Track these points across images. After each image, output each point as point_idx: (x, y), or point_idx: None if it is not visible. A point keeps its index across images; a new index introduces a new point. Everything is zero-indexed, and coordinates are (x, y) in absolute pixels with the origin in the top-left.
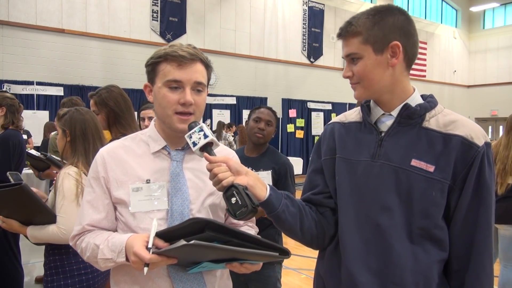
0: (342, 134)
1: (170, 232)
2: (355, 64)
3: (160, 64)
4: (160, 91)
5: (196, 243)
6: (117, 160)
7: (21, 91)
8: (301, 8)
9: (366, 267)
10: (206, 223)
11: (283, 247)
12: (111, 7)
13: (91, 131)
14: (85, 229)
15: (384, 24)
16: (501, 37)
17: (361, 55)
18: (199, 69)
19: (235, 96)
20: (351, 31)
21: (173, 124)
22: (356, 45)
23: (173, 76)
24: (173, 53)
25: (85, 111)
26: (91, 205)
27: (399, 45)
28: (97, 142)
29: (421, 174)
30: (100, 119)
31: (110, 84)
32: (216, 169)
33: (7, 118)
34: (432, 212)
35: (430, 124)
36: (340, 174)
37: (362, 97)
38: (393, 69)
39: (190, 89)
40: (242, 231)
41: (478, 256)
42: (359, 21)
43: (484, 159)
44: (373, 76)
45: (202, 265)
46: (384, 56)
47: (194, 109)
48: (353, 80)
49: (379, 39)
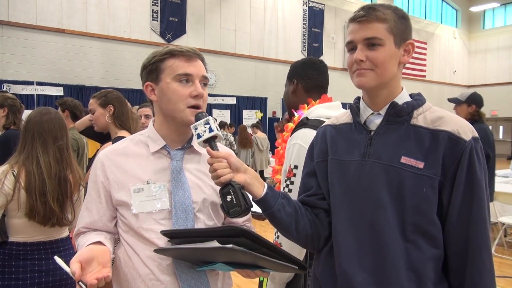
0: (334, 136)
1: (195, 232)
2: (373, 50)
3: (166, 61)
4: (170, 86)
5: (234, 247)
6: (116, 163)
7: (21, 91)
8: (301, 8)
9: (361, 266)
10: (241, 231)
11: (302, 262)
12: (111, 7)
13: (31, 132)
14: (79, 231)
15: (404, 22)
16: (501, 37)
17: (384, 42)
18: (202, 65)
19: (235, 96)
20: (378, 16)
21: (187, 117)
22: (381, 31)
23: (183, 70)
24: (179, 49)
25: (38, 112)
26: (86, 208)
27: (414, 45)
28: (38, 141)
29: (411, 171)
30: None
31: (109, 85)
32: (216, 165)
33: (9, 119)
34: (425, 208)
35: (418, 121)
36: (333, 175)
37: (368, 85)
38: (400, 66)
39: (199, 82)
40: (273, 244)
41: (476, 252)
42: (385, 10)
43: (473, 153)
44: (389, 67)
45: (214, 265)
46: (399, 51)
47: (201, 102)
48: (365, 66)
49: (401, 33)
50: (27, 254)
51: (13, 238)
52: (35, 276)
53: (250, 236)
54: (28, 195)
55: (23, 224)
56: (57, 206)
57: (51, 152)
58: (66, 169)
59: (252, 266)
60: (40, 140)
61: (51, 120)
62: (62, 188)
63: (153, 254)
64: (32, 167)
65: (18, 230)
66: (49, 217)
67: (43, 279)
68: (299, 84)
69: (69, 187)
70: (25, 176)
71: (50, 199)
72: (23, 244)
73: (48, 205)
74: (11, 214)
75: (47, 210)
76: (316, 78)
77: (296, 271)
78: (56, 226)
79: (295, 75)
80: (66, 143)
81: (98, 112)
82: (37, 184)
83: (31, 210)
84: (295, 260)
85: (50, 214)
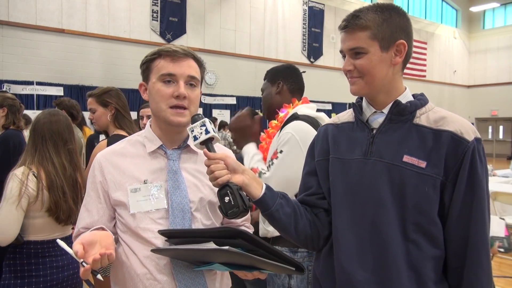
0: (335, 135)
1: (192, 233)
2: (358, 58)
3: (154, 61)
4: (155, 86)
5: (231, 249)
6: (114, 163)
7: (21, 91)
8: (301, 8)
9: (362, 266)
10: (238, 232)
11: (300, 263)
12: (111, 7)
13: (41, 133)
14: (79, 232)
15: (392, 22)
16: (501, 37)
17: (367, 50)
18: (192, 65)
19: (235, 96)
20: (359, 25)
21: (168, 118)
22: (363, 40)
23: (167, 70)
24: (166, 49)
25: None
26: (86, 209)
27: (405, 44)
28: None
29: (413, 170)
30: (104, 115)
31: (109, 85)
32: (213, 166)
33: (8, 119)
34: (426, 208)
35: (420, 120)
36: (334, 173)
37: (360, 93)
38: (394, 67)
39: (184, 83)
40: (270, 245)
41: (474, 252)
42: (368, 16)
43: (475, 154)
44: (376, 72)
45: (211, 265)
46: (389, 54)
47: (188, 103)
48: (354, 74)
49: (387, 36)
50: (45, 251)
51: (32, 238)
52: (53, 272)
53: (247, 237)
54: (51, 194)
55: (43, 223)
56: (73, 205)
57: (62, 154)
58: (76, 172)
59: (250, 267)
60: (51, 142)
61: (60, 122)
62: (75, 189)
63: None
64: (49, 167)
65: (38, 229)
66: (69, 215)
67: (60, 274)
68: (284, 86)
69: (79, 188)
70: (45, 175)
71: (69, 197)
72: (41, 242)
73: (68, 204)
74: (33, 215)
75: (67, 207)
76: (299, 82)
77: (293, 272)
78: (72, 224)
79: (280, 77)
80: (73, 146)
81: (99, 112)
82: (58, 183)
83: (56, 206)
84: (292, 262)
85: (70, 212)
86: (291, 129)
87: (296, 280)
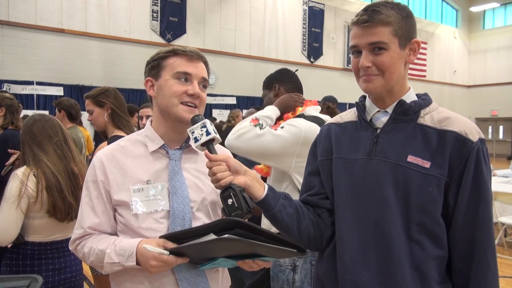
0: (338, 134)
1: (192, 232)
2: (378, 55)
3: (168, 59)
4: (168, 82)
5: (230, 237)
6: (115, 163)
7: (21, 91)
8: (301, 8)
9: (366, 266)
10: (235, 222)
11: (300, 245)
12: (111, 7)
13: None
14: (86, 232)
15: (408, 20)
16: (501, 37)
17: (389, 46)
18: (204, 68)
19: (235, 96)
20: (382, 20)
21: (179, 113)
22: (386, 35)
23: (183, 68)
24: (182, 49)
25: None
26: (91, 209)
27: (419, 43)
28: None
29: (418, 170)
30: (101, 115)
31: (109, 85)
32: (215, 168)
33: (7, 118)
34: (430, 208)
35: (425, 120)
36: (337, 173)
37: (377, 90)
38: (406, 66)
39: (197, 83)
40: (268, 230)
41: (481, 253)
42: (389, 12)
43: (480, 155)
44: (395, 70)
45: (216, 261)
46: (405, 52)
47: (199, 103)
48: (372, 71)
49: (405, 34)
50: (42, 253)
51: (30, 238)
52: (49, 274)
53: (245, 226)
54: (49, 194)
55: (43, 224)
56: (72, 199)
57: (50, 150)
58: (70, 163)
59: (252, 255)
60: (34, 144)
61: (36, 122)
62: (72, 181)
63: None
64: (44, 168)
65: (38, 230)
66: (68, 212)
67: (56, 277)
68: (280, 88)
69: (78, 179)
70: (42, 176)
71: (67, 194)
72: (38, 244)
73: (67, 201)
74: (33, 215)
75: (66, 205)
76: (295, 81)
77: (295, 254)
78: (74, 220)
79: (275, 81)
80: (63, 137)
81: (96, 112)
82: (54, 182)
83: (54, 208)
84: (292, 244)
85: (69, 208)
86: (294, 121)
87: (301, 275)
